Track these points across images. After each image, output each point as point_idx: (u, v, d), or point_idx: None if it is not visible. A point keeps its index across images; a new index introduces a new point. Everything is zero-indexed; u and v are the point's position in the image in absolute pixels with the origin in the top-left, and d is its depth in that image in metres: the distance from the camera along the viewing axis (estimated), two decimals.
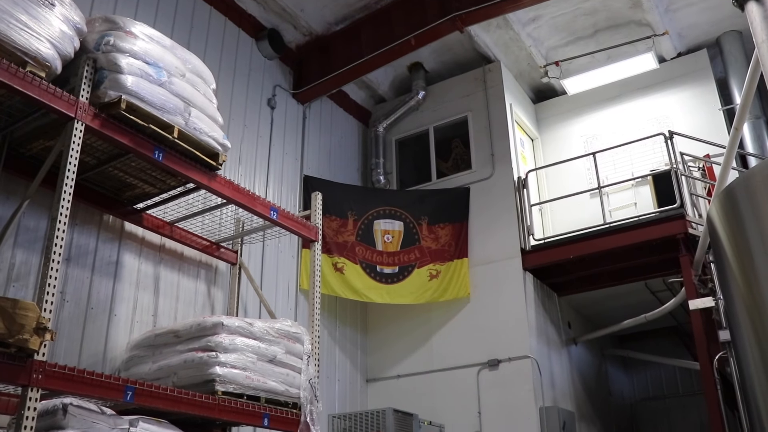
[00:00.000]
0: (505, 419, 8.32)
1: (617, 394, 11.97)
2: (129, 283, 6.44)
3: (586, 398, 10.16)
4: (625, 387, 12.62)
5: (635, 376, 13.00)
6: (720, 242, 6.24)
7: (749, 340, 5.98)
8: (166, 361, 5.47)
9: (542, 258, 9.10)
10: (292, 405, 5.67)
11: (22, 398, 4.02)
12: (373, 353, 9.59)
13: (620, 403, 12.00)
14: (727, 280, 6.33)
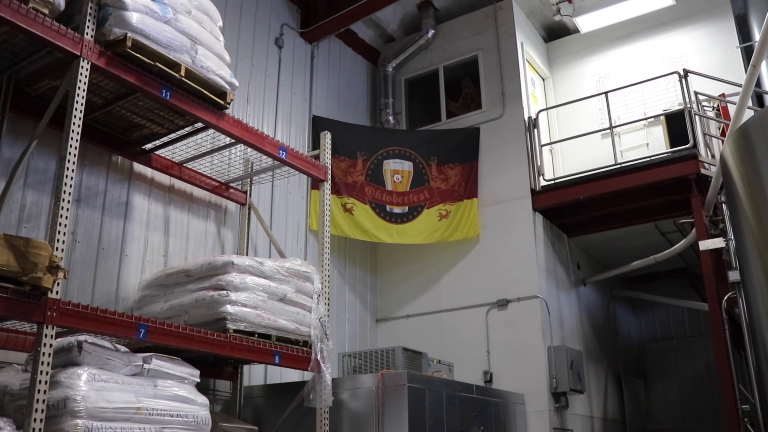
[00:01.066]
0: (514, 358, 8.42)
1: (625, 335, 12.07)
2: (139, 223, 6.46)
3: (593, 338, 10.24)
4: (632, 328, 12.72)
5: (643, 317, 13.09)
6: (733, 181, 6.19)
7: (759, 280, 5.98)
8: (177, 300, 5.53)
9: (552, 198, 9.06)
10: (303, 343, 5.74)
11: (38, 335, 4.07)
12: (382, 293, 9.66)
13: (628, 344, 12.10)
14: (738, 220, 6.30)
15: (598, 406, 9.96)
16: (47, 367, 4.00)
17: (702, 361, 11.83)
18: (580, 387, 8.53)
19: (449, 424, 6.43)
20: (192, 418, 4.61)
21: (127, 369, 4.48)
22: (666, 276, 11.96)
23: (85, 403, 4.05)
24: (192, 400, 4.69)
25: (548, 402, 8.17)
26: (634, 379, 11.89)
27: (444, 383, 6.63)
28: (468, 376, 7.88)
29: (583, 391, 8.68)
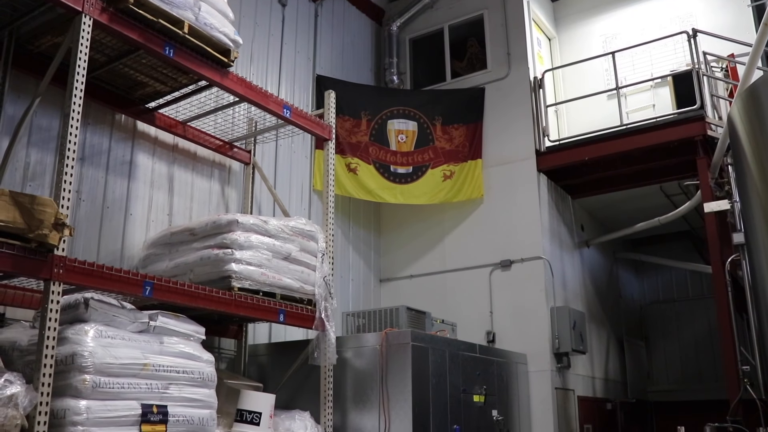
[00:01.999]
0: (517, 319, 8.47)
1: (627, 297, 12.12)
2: (143, 182, 6.46)
3: (596, 300, 10.29)
4: (635, 290, 12.77)
5: (646, 279, 13.13)
6: (740, 142, 6.15)
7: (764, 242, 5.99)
8: (182, 259, 5.55)
9: (557, 159, 9.03)
10: (307, 301, 5.77)
11: (44, 292, 4.10)
12: (386, 254, 9.69)
13: (630, 306, 12.16)
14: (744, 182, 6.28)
15: (600, 367, 10.05)
16: (55, 323, 4.03)
17: (703, 324, 11.89)
18: (582, 348, 8.60)
19: (452, 382, 6.50)
20: (198, 374, 4.66)
21: (133, 326, 4.52)
22: (670, 239, 11.97)
23: (92, 359, 4.09)
24: (198, 356, 4.74)
25: (550, 362, 8.24)
26: (636, 340, 11.98)
27: (447, 342, 6.68)
28: (471, 336, 7.93)
29: (585, 351, 8.75)
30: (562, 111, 10.26)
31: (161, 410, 4.37)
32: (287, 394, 6.26)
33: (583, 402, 8.97)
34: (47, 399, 3.91)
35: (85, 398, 4.04)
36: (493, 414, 7.10)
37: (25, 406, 3.78)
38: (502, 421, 7.20)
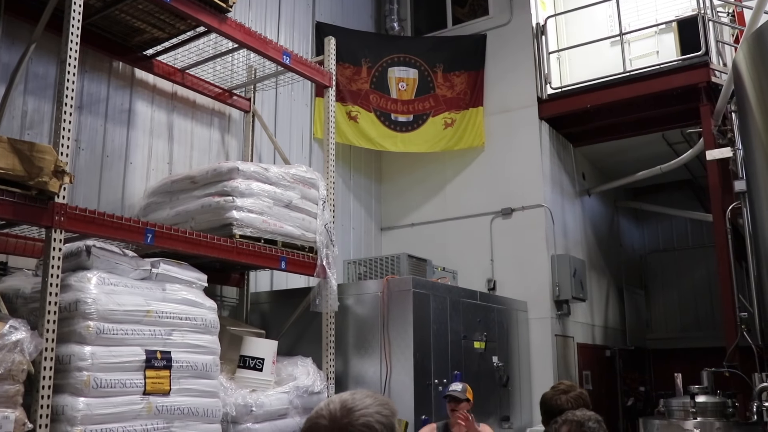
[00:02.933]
0: (517, 266, 8.50)
1: (628, 246, 12.16)
2: (143, 131, 6.42)
3: (597, 248, 10.33)
4: (635, 239, 12.80)
5: (646, 228, 13.16)
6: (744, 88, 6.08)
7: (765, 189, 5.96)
8: (183, 207, 5.54)
9: (559, 107, 8.95)
10: (309, 249, 5.78)
11: (46, 240, 4.10)
12: (387, 202, 9.68)
13: (630, 255, 12.21)
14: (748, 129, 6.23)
15: (600, 314, 10.13)
16: (57, 270, 4.05)
17: (703, 273, 11.96)
18: (582, 295, 8.66)
19: (453, 329, 6.56)
20: (200, 321, 4.69)
21: (135, 273, 4.54)
22: (671, 187, 11.95)
23: (95, 306, 4.12)
24: (200, 303, 4.77)
25: (550, 309, 8.31)
26: (636, 289, 12.06)
27: (448, 289, 6.72)
28: (471, 284, 7.97)
29: (585, 299, 8.81)
30: (565, 58, 10.11)
31: (165, 356, 4.41)
32: (289, 341, 6.33)
33: (582, 349, 9.07)
34: (52, 345, 3.95)
35: (89, 344, 4.08)
36: (493, 360, 7.19)
37: (31, 351, 3.82)
38: (503, 367, 7.29)
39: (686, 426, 5.96)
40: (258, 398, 4.98)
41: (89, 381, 4.01)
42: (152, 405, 4.29)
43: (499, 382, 7.18)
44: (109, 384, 4.10)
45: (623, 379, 10.39)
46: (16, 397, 3.74)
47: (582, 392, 3.57)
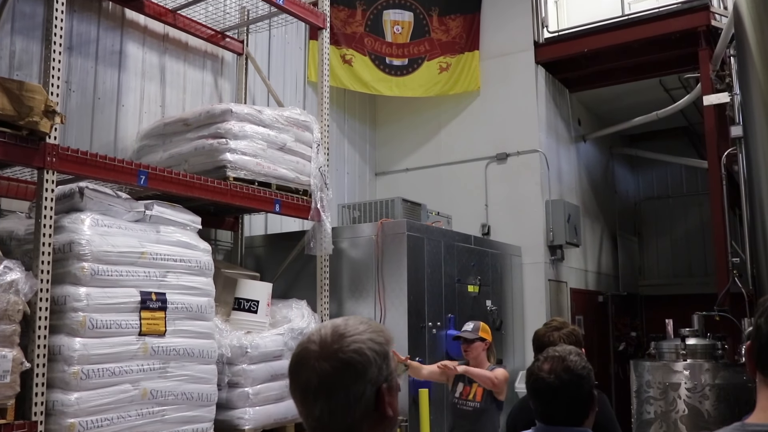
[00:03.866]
0: (512, 211, 8.51)
1: (622, 193, 12.18)
2: (134, 73, 6.33)
3: (591, 194, 10.33)
4: (630, 186, 12.81)
5: (641, 175, 13.15)
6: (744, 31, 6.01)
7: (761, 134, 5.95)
8: (176, 150, 5.50)
9: (555, 51, 8.84)
10: (303, 192, 5.76)
11: (39, 181, 4.08)
12: (381, 147, 9.63)
13: (625, 202, 12.23)
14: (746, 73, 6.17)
15: (593, 260, 10.20)
16: (50, 212, 4.04)
17: (696, 220, 12.02)
18: (576, 241, 8.69)
19: (447, 272, 6.60)
20: (195, 263, 4.70)
21: (129, 215, 4.53)
22: (666, 135, 11.90)
23: (90, 247, 4.12)
24: (194, 245, 4.77)
25: (544, 254, 8.35)
26: (629, 236, 12.12)
27: (442, 233, 6.74)
28: (466, 229, 7.98)
29: (578, 244, 8.86)
30: (562, 1, 9.95)
31: (160, 297, 4.43)
32: (284, 284, 6.36)
33: (575, 294, 9.16)
34: (47, 286, 3.96)
35: (84, 285, 4.09)
36: (487, 304, 7.25)
37: (26, 292, 3.83)
38: (496, 311, 7.36)
39: (676, 367, 6.04)
40: (253, 340, 5.02)
41: (85, 321, 4.03)
42: (148, 346, 4.33)
43: (492, 326, 7.24)
44: (105, 325, 4.13)
45: (615, 324, 10.52)
46: (13, 337, 3.76)
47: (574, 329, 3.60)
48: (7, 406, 3.72)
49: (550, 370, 2.47)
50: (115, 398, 4.14)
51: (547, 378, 2.45)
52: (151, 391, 4.31)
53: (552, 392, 2.44)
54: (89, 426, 4.00)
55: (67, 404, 3.94)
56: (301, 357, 1.58)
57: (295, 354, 1.60)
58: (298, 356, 1.59)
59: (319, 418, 1.54)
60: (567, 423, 2.45)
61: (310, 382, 1.54)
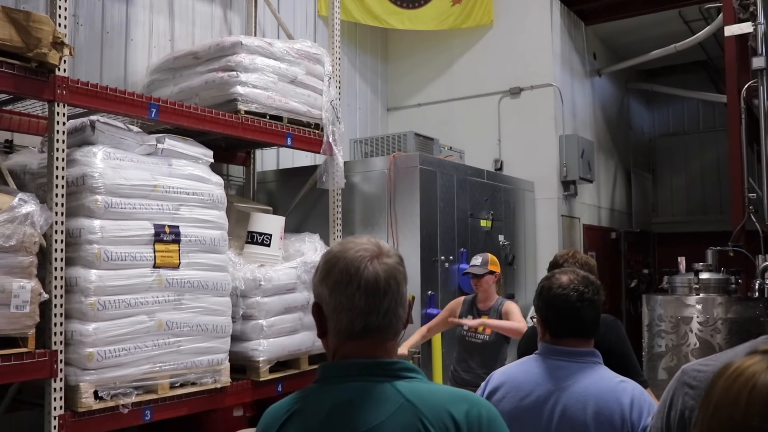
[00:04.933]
0: (525, 147, 8.44)
1: (637, 129, 12.04)
2: (142, 6, 6.24)
3: (605, 130, 10.22)
4: (645, 122, 12.65)
5: (657, 111, 12.97)
6: None
7: None
8: (186, 84, 5.45)
9: None
10: (315, 126, 5.71)
11: (50, 114, 4.05)
12: (393, 81, 9.51)
13: (639, 138, 12.10)
14: None
15: (606, 197, 10.15)
16: (63, 145, 4.02)
17: (712, 157, 11.89)
18: (590, 176, 8.64)
19: (460, 207, 6.59)
20: (207, 196, 4.70)
21: (140, 149, 4.51)
22: (684, 69, 11.68)
23: (103, 180, 4.12)
24: (206, 179, 4.76)
25: (557, 190, 8.31)
26: (643, 173, 12.03)
27: (455, 167, 6.70)
28: (478, 164, 7.92)
29: (592, 180, 8.80)
30: None
31: (173, 230, 4.45)
32: (296, 219, 6.37)
33: (588, 230, 9.15)
34: (62, 219, 3.97)
35: (98, 218, 4.11)
36: (499, 239, 7.26)
37: (41, 225, 3.85)
38: (509, 246, 7.37)
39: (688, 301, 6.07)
40: (266, 273, 5.05)
41: (100, 254, 4.06)
42: (163, 278, 4.37)
43: (504, 261, 7.27)
44: (120, 257, 4.16)
45: (627, 261, 10.53)
46: (31, 269, 3.80)
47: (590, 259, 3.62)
48: (28, 335, 3.79)
49: (569, 282, 2.49)
50: (131, 329, 4.20)
51: (566, 288, 2.46)
52: (166, 323, 4.37)
53: (568, 303, 2.44)
54: (107, 355, 4.07)
55: (85, 334, 4.00)
56: (355, 259, 1.61)
57: (345, 259, 1.62)
58: (352, 259, 1.62)
59: (386, 313, 1.61)
60: (576, 335, 2.46)
61: (378, 277, 1.60)
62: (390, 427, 1.51)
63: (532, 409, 2.35)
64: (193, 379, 4.59)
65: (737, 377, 1.18)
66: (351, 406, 1.55)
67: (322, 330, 1.68)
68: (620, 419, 2.26)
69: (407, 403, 1.54)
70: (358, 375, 1.60)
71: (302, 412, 1.63)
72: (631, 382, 2.42)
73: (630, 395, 2.33)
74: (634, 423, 2.26)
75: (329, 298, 1.63)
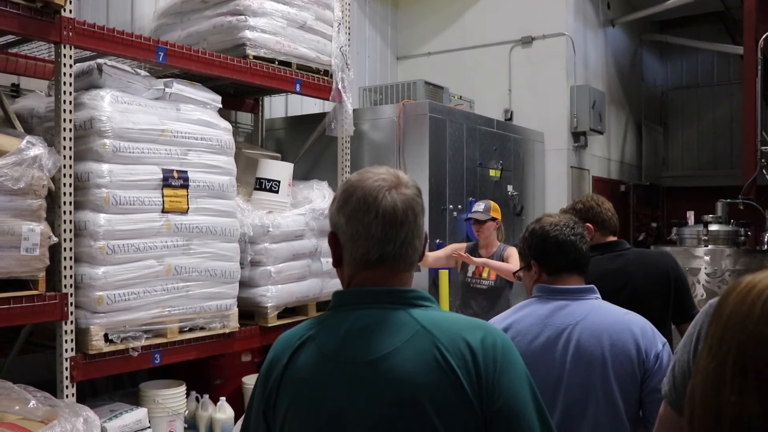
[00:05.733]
0: (535, 97, 8.34)
1: (650, 81, 11.87)
2: None
3: (617, 82, 10.09)
4: (658, 74, 12.47)
5: (670, 64, 12.78)
6: None
7: None
8: (194, 28, 5.37)
9: None
10: (324, 72, 5.64)
11: (56, 57, 4.00)
12: (403, 30, 9.37)
13: (652, 90, 11.95)
14: None
15: (616, 149, 10.07)
16: (70, 87, 3.99)
17: (725, 111, 11.76)
18: (601, 128, 8.55)
19: (469, 156, 6.54)
20: (216, 141, 4.67)
21: (148, 93, 4.47)
22: (700, 20, 11.45)
23: (110, 123, 4.09)
24: (215, 124, 4.73)
25: (567, 141, 8.25)
26: (654, 126, 11.91)
27: (465, 116, 6.64)
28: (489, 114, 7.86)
29: (603, 132, 8.72)
30: None
31: (182, 175, 4.44)
32: (305, 167, 6.35)
33: (597, 182, 9.10)
34: (70, 162, 3.96)
35: (106, 162, 4.10)
36: (508, 189, 7.23)
37: (50, 168, 3.84)
38: (517, 196, 7.35)
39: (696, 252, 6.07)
40: (275, 219, 5.05)
41: (108, 198, 4.06)
42: (171, 223, 4.37)
43: (513, 211, 7.26)
44: (128, 201, 4.16)
45: (636, 214, 10.50)
46: (40, 212, 3.81)
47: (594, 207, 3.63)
48: (38, 278, 3.82)
49: (558, 220, 2.57)
50: (140, 273, 4.22)
51: (557, 225, 2.53)
52: (175, 267, 4.39)
53: (563, 236, 2.51)
54: (117, 299, 4.10)
55: (94, 278, 4.02)
56: (374, 188, 1.61)
57: (363, 188, 1.62)
58: (371, 188, 1.61)
59: (402, 243, 1.62)
60: (573, 269, 2.51)
61: (396, 207, 1.60)
62: (406, 353, 1.52)
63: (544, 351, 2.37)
64: (201, 323, 4.63)
65: (750, 290, 1.22)
66: (367, 332, 1.56)
67: (338, 259, 1.69)
68: (635, 349, 2.30)
69: (423, 330, 1.54)
70: (374, 302, 1.60)
71: (317, 337, 1.63)
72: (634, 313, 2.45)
73: (639, 325, 2.37)
74: (648, 351, 2.30)
75: (346, 226, 1.62)
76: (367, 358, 1.54)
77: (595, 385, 2.31)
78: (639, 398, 2.32)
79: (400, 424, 1.49)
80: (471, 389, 1.48)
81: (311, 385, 1.58)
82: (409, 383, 1.49)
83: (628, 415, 2.30)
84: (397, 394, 1.49)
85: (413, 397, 1.48)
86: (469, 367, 1.50)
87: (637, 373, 2.30)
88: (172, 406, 4.67)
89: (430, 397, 1.47)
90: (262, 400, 1.67)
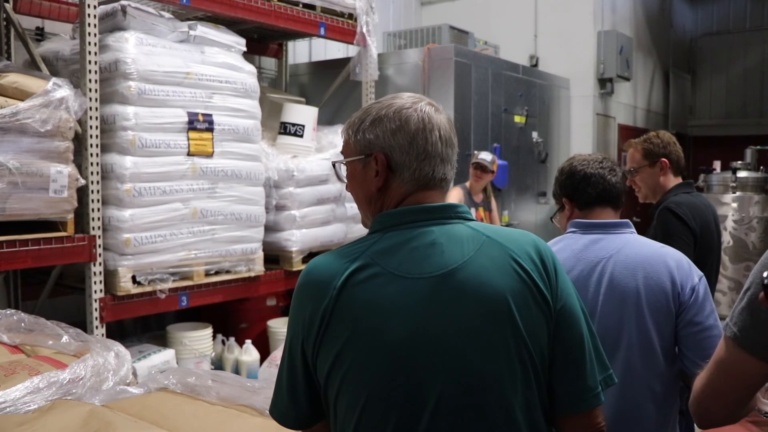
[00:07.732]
0: (562, 42, 8.19)
1: (679, 27, 11.58)
2: None
3: (645, 28, 9.85)
4: (687, 20, 12.15)
5: (701, 9, 12.43)
6: None
7: None
8: None
9: None
10: (348, 16, 5.57)
11: None
12: None
13: (681, 37, 11.66)
14: None
15: (643, 97, 9.90)
16: (95, 29, 3.97)
17: (756, 58, 11.47)
18: (627, 74, 8.40)
19: (494, 101, 6.47)
20: (240, 84, 4.65)
21: (173, 35, 4.44)
22: None
23: (135, 66, 4.08)
24: (239, 67, 4.70)
25: (594, 87, 8.12)
26: (682, 73, 11.66)
27: (490, 60, 6.55)
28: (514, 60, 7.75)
29: (629, 78, 8.57)
30: None
31: (207, 118, 4.44)
32: (329, 112, 6.31)
33: (623, 130, 8.98)
34: (96, 104, 3.97)
35: (132, 104, 4.10)
36: (533, 136, 7.16)
37: (76, 110, 3.85)
38: (542, 143, 7.28)
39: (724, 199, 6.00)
40: (299, 164, 5.05)
41: (135, 140, 4.08)
42: (197, 166, 4.39)
43: (537, 158, 7.20)
44: (154, 144, 4.18)
45: None
46: (67, 154, 3.83)
47: None
48: (67, 220, 3.86)
49: (588, 156, 2.56)
50: (166, 216, 4.26)
51: (588, 160, 2.52)
52: (201, 210, 4.43)
53: (593, 170, 2.48)
54: (143, 241, 4.15)
55: (122, 220, 4.07)
56: (425, 111, 1.61)
57: (415, 110, 1.61)
58: (422, 110, 1.61)
59: (453, 165, 1.66)
60: (606, 202, 2.48)
61: (447, 128, 1.63)
62: (481, 260, 1.53)
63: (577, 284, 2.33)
64: (227, 267, 4.68)
65: None
66: (436, 245, 1.55)
67: (386, 181, 1.64)
68: (670, 282, 2.27)
69: (489, 240, 1.56)
70: (434, 218, 1.60)
71: (376, 258, 1.56)
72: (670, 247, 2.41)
73: (675, 258, 2.33)
74: (684, 284, 2.27)
75: (409, 147, 1.60)
76: (444, 269, 1.52)
77: (629, 318, 2.29)
78: (674, 332, 2.29)
79: (486, 329, 1.50)
80: (547, 291, 1.54)
81: (380, 307, 1.51)
82: (492, 289, 1.50)
83: (662, 349, 2.28)
84: (480, 300, 1.50)
85: (497, 302, 1.50)
86: (540, 271, 1.55)
87: (671, 307, 2.26)
88: (199, 348, 4.76)
89: (513, 300, 1.51)
90: (302, 334, 1.57)
